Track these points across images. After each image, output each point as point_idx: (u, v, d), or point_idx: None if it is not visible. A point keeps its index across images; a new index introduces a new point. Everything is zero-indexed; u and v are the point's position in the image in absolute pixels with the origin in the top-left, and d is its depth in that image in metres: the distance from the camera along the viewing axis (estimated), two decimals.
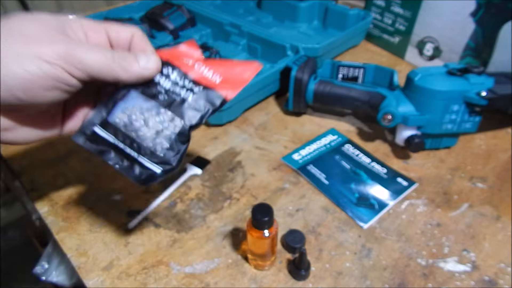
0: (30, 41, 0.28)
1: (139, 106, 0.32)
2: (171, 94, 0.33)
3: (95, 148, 0.32)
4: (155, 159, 0.32)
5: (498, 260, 0.43)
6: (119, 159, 0.32)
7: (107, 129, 0.32)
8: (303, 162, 0.54)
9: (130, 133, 0.32)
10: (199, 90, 0.33)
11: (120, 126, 0.32)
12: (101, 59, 0.29)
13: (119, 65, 0.30)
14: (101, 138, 0.32)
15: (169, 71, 0.33)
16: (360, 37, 0.83)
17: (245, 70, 0.34)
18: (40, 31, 0.28)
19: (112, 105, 0.32)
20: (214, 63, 0.34)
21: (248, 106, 0.64)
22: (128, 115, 0.32)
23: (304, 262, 0.40)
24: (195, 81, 0.33)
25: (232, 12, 0.86)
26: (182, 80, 0.33)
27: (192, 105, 0.33)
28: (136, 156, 0.32)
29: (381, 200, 0.49)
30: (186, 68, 0.33)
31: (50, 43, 0.28)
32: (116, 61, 0.30)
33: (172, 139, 0.32)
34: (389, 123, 0.53)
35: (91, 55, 0.29)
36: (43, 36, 0.28)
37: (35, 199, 0.49)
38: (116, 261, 0.42)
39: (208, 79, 0.33)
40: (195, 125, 0.33)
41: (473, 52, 0.67)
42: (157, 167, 0.32)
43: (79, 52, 0.28)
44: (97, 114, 0.33)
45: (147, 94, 0.33)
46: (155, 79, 0.33)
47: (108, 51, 0.30)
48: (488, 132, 0.61)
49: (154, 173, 0.32)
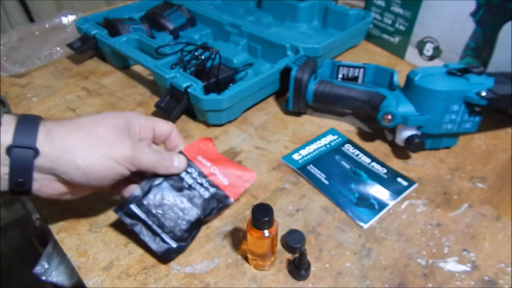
0: (107, 144, 0.36)
1: (168, 194, 0.42)
2: (192, 189, 0.43)
3: (129, 221, 0.41)
4: (173, 236, 0.41)
5: (498, 260, 0.43)
6: (146, 232, 0.41)
7: (140, 208, 0.41)
8: (303, 162, 0.54)
9: (157, 214, 0.41)
10: (213, 191, 0.43)
11: (151, 207, 0.41)
12: (152, 160, 0.39)
13: (161, 165, 0.41)
14: (135, 214, 0.41)
15: (192, 171, 0.44)
16: (360, 37, 0.83)
17: (245, 177, 0.45)
18: (114, 135, 0.37)
19: (148, 190, 0.42)
20: (220, 165, 0.45)
21: (248, 106, 0.64)
22: (159, 200, 0.41)
23: (304, 262, 0.40)
24: (210, 181, 0.44)
25: (232, 12, 0.86)
26: (201, 179, 0.43)
27: (206, 201, 0.43)
28: (160, 232, 0.41)
29: (381, 200, 0.49)
30: (205, 168, 0.44)
31: (121, 147, 0.37)
32: (160, 162, 0.40)
33: (188, 223, 0.41)
34: (389, 123, 0.53)
35: (147, 158, 0.39)
36: (117, 140, 0.37)
37: (35, 199, 0.49)
38: (116, 261, 0.42)
39: (219, 180, 0.44)
40: (206, 215, 0.42)
41: (473, 52, 0.67)
42: (173, 243, 0.40)
43: (140, 156, 0.38)
44: (135, 195, 0.41)
45: (174, 187, 0.42)
46: (181, 175, 0.43)
47: (156, 154, 0.40)
48: (488, 132, 0.61)
49: (170, 247, 0.40)
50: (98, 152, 0.36)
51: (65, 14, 0.86)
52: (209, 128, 0.61)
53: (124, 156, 0.37)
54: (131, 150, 0.37)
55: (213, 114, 0.59)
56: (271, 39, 0.71)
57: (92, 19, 0.78)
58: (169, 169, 0.42)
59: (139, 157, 0.38)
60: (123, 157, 0.37)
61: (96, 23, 0.76)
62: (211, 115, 0.59)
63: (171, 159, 0.42)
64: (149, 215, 0.41)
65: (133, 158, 0.37)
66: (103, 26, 0.75)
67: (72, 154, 0.35)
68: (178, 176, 0.43)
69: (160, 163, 0.40)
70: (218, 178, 0.44)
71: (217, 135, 0.60)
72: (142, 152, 0.39)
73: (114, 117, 0.39)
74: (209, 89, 0.61)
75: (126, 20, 0.76)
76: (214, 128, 0.61)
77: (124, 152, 0.37)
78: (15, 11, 1.46)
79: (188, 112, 0.63)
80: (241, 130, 0.61)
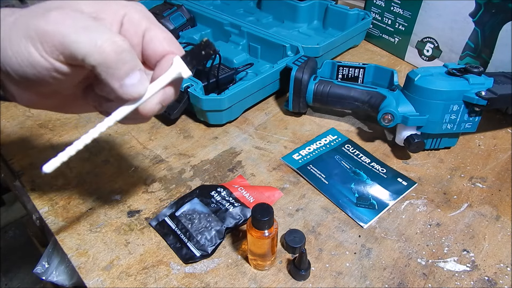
0: (32, 15, 0.26)
1: (197, 209, 0.46)
2: (219, 204, 0.47)
3: (162, 231, 0.45)
4: (198, 246, 0.43)
5: (498, 260, 0.43)
6: (175, 241, 0.44)
7: (173, 220, 0.46)
8: (303, 162, 0.54)
9: (187, 225, 0.45)
10: (238, 206, 0.46)
11: (182, 219, 0.45)
12: (94, 46, 0.25)
13: (113, 67, 0.27)
14: (167, 225, 0.46)
15: (221, 190, 0.48)
16: (360, 37, 0.83)
17: (271, 195, 0.50)
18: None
19: (181, 204, 0.47)
20: (250, 188, 0.49)
21: (248, 106, 0.64)
22: (190, 214, 0.46)
23: (304, 262, 0.40)
24: (237, 198, 0.48)
25: (232, 12, 0.86)
26: (228, 196, 0.48)
27: (231, 215, 0.46)
28: (186, 241, 0.44)
29: (381, 200, 0.49)
30: (233, 189, 0.49)
31: (43, 17, 0.26)
32: (109, 59, 0.26)
33: (212, 235, 0.44)
34: (389, 123, 0.53)
35: (83, 38, 0.25)
36: (45, 9, 0.26)
37: (35, 199, 0.49)
38: (116, 261, 0.43)
39: (245, 198, 0.48)
40: (230, 228, 0.45)
41: (473, 52, 0.67)
42: (197, 251, 0.43)
43: (69, 34, 0.25)
44: (169, 209, 0.47)
45: (204, 202, 0.47)
46: (211, 192, 0.48)
47: (104, 36, 0.26)
48: (488, 132, 0.61)
49: (194, 255, 0.43)
50: (18, 30, 0.25)
51: None
52: (209, 128, 0.61)
53: (39, 31, 0.25)
54: (53, 22, 0.25)
55: (213, 114, 0.59)
56: (271, 39, 0.71)
57: None
58: (121, 83, 0.27)
59: (67, 35, 0.25)
60: (37, 32, 0.25)
61: None
62: (211, 115, 0.59)
63: (131, 64, 0.27)
64: (179, 226, 0.45)
65: (55, 34, 0.25)
66: None
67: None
68: (208, 193, 0.48)
69: (110, 60, 0.26)
70: (244, 197, 0.48)
71: (217, 135, 0.60)
72: (74, 26, 0.25)
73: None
74: (209, 89, 0.61)
75: None
76: (214, 128, 0.61)
77: (42, 24, 0.25)
78: None
79: (188, 112, 0.63)
80: (241, 130, 0.61)
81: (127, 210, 0.48)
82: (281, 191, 0.51)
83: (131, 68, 0.27)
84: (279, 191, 0.50)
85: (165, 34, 0.30)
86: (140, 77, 0.28)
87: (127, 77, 0.27)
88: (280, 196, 0.50)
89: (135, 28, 0.29)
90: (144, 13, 0.30)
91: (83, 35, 0.25)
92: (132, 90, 0.28)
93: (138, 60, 0.28)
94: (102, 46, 0.25)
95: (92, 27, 0.26)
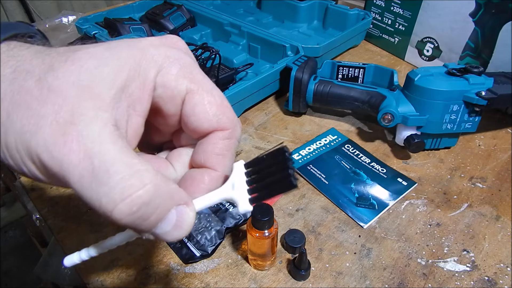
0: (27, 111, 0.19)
1: None
2: (219, 204, 0.46)
3: None
4: (198, 246, 0.43)
5: (498, 260, 0.43)
6: (175, 242, 0.43)
7: None
8: (303, 162, 0.54)
9: None
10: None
11: None
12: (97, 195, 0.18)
13: (143, 218, 0.19)
14: None
15: None
16: (360, 37, 0.83)
17: None
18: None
19: None
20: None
21: (248, 106, 0.64)
22: None
23: (304, 262, 0.40)
24: None
25: (232, 12, 0.86)
26: None
27: (231, 215, 0.45)
28: (186, 241, 0.44)
29: (381, 200, 0.49)
30: None
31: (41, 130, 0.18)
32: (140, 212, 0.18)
33: (212, 235, 0.44)
34: (389, 123, 0.53)
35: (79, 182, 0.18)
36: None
37: (35, 199, 0.49)
38: (116, 261, 0.43)
39: None
40: (230, 228, 0.45)
41: (473, 52, 0.67)
42: (197, 251, 0.43)
43: (66, 168, 0.18)
44: None
45: None
46: None
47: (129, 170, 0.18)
48: (488, 132, 0.61)
49: (194, 255, 0.43)
50: (15, 137, 0.18)
51: (65, 14, 0.86)
52: None
53: (39, 159, 0.18)
54: (55, 157, 0.18)
55: None
56: (271, 39, 0.71)
57: (92, 19, 0.78)
58: (158, 234, 0.20)
59: (72, 183, 0.18)
60: (38, 158, 0.18)
61: (96, 23, 0.76)
62: None
63: (157, 213, 0.19)
64: None
65: (58, 173, 0.18)
66: (103, 26, 0.75)
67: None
68: None
69: (125, 221, 0.18)
70: None
71: None
72: (78, 169, 0.17)
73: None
74: None
75: (126, 20, 0.76)
76: None
77: (41, 153, 0.18)
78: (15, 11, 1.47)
79: None
80: (241, 130, 0.61)
81: None
82: None
83: (158, 218, 0.19)
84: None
85: (212, 98, 0.22)
86: (177, 219, 0.20)
87: (156, 228, 0.19)
88: (280, 196, 0.50)
89: (171, 92, 0.21)
90: (183, 62, 0.22)
91: (88, 188, 0.18)
92: (167, 237, 0.20)
93: (173, 196, 0.20)
94: (107, 209, 0.18)
95: (99, 172, 0.17)
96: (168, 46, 0.22)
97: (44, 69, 0.19)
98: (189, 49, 0.23)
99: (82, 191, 0.18)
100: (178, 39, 0.23)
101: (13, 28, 0.24)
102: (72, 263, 0.25)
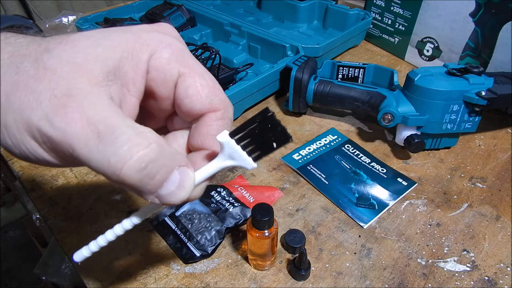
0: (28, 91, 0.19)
1: (197, 209, 0.46)
2: (219, 204, 0.46)
3: (162, 231, 0.45)
4: (198, 246, 0.43)
5: (498, 260, 0.43)
6: (175, 241, 0.44)
7: (172, 220, 0.46)
8: (303, 162, 0.54)
9: (187, 225, 0.45)
10: (238, 206, 0.46)
11: (182, 219, 0.45)
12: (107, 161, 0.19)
13: (146, 181, 0.20)
14: (167, 225, 0.45)
15: (221, 190, 0.48)
16: (360, 37, 0.83)
17: (271, 195, 0.50)
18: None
19: (181, 204, 0.43)
20: (250, 188, 0.49)
21: (248, 106, 0.64)
22: (190, 214, 0.46)
23: (304, 262, 0.40)
24: (237, 198, 0.47)
25: (232, 12, 0.86)
26: (228, 197, 0.48)
27: (231, 215, 0.45)
28: (186, 241, 0.44)
29: (381, 200, 0.49)
30: (233, 189, 0.49)
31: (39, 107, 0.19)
32: (145, 173, 0.20)
33: (212, 235, 0.44)
34: (389, 123, 0.53)
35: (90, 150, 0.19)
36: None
37: (35, 199, 0.49)
38: (116, 261, 0.42)
39: (245, 198, 0.48)
40: (230, 228, 0.45)
41: (473, 52, 0.67)
42: (197, 251, 0.43)
43: (72, 139, 0.19)
44: (169, 209, 0.46)
45: (204, 202, 0.47)
46: (211, 192, 0.47)
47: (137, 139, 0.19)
48: (488, 132, 0.61)
49: (194, 255, 0.43)
50: (15, 115, 0.19)
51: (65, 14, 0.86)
52: None
53: (42, 134, 0.19)
54: (58, 127, 0.18)
55: None
56: (271, 39, 0.71)
57: (92, 19, 0.78)
58: (155, 195, 0.21)
59: (76, 150, 0.19)
60: (40, 133, 0.19)
61: (96, 23, 0.76)
62: None
63: (163, 172, 0.20)
64: (179, 226, 0.45)
65: (62, 143, 0.19)
66: (103, 26, 0.75)
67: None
68: (208, 193, 0.47)
69: (131, 181, 0.19)
70: (244, 197, 0.48)
71: None
72: (83, 134, 0.18)
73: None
74: None
75: (126, 20, 0.76)
76: None
77: (43, 126, 0.19)
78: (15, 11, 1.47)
79: None
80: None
81: (127, 210, 0.48)
82: (281, 191, 0.50)
83: (163, 177, 0.20)
84: (279, 191, 0.50)
85: (203, 81, 0.23)
86: (180, 179, 0.21)
87: (161, 189, 0.21)
88: (280, 196, 0.50)
89: (163, 75, 0.22)
90: (175, 47, 0.22)
91: (94, 151, 0.19)
92: (171, 198, 0.21)
93: (175, 156, 0.21)
94: (116, 167, 0.19)
95: (105, 135, 0.18)
96: (160, 32, 0.23)
97: (40, 51, 0.20)
98: (180, 36, 0.24)
99: (89, 155, 0.19)
100: (170, 27, 0.24)
101: (10, 20, 0.26)
102: (82, 258, 0.25)
